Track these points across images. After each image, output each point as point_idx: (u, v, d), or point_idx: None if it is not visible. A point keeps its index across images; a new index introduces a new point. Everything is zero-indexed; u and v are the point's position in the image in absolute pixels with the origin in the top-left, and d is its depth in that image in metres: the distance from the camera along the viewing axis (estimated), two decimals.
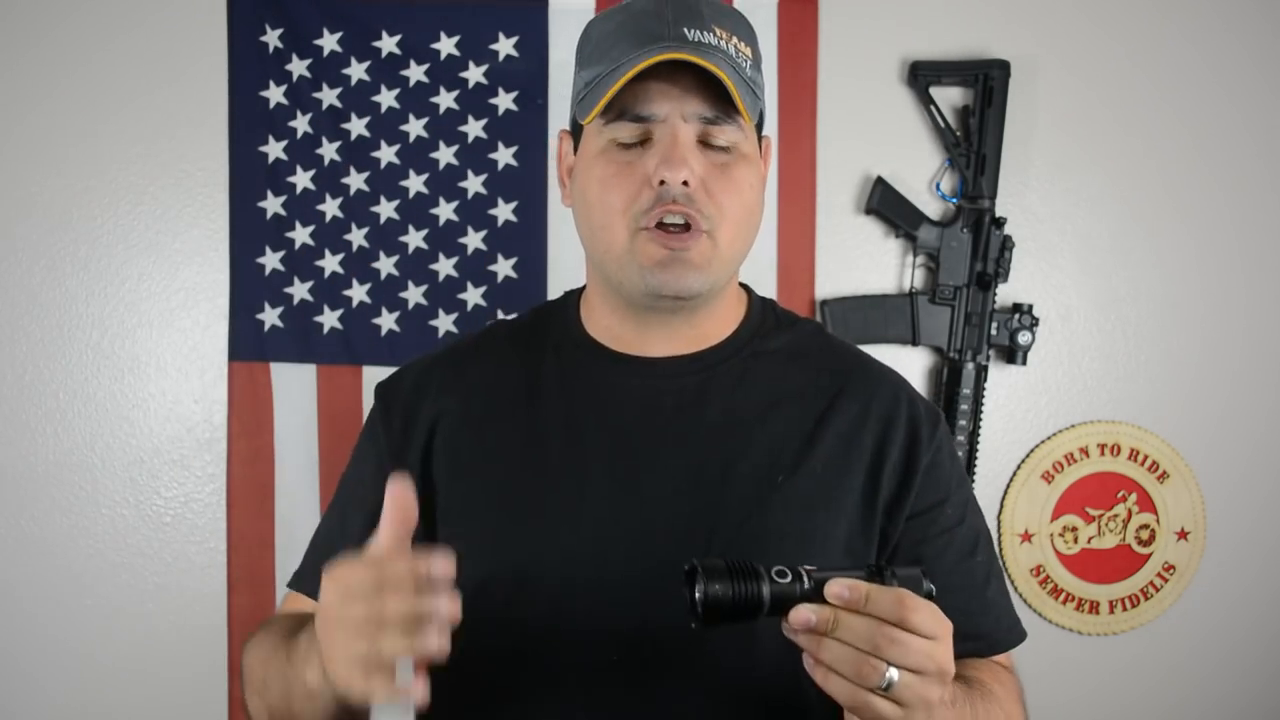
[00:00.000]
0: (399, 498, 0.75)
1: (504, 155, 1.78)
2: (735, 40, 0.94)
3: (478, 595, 0.95)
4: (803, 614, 0.71)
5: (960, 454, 1.74)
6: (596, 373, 1.00)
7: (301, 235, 1.78)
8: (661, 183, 0.91)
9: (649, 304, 0.96)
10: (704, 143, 0.93)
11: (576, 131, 0.99)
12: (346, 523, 1.04)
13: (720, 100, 0.91)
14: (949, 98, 1.79)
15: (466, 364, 1.05)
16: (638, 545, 0.92)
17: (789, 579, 0.73)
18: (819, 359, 1.03)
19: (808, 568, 0.74)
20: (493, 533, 0.96)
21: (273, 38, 1.76)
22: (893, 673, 0.71)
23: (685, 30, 0.91)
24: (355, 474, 1.07)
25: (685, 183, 0.90)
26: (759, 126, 1.00)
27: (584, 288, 1.07)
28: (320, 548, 1.06)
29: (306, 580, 1.05)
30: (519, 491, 0.97)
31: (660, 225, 0.92)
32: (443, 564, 0.72)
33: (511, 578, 0.94)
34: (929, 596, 0.74)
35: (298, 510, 1.78)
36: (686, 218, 0.92)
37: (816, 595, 0.72)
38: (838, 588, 0.71)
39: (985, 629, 1.00)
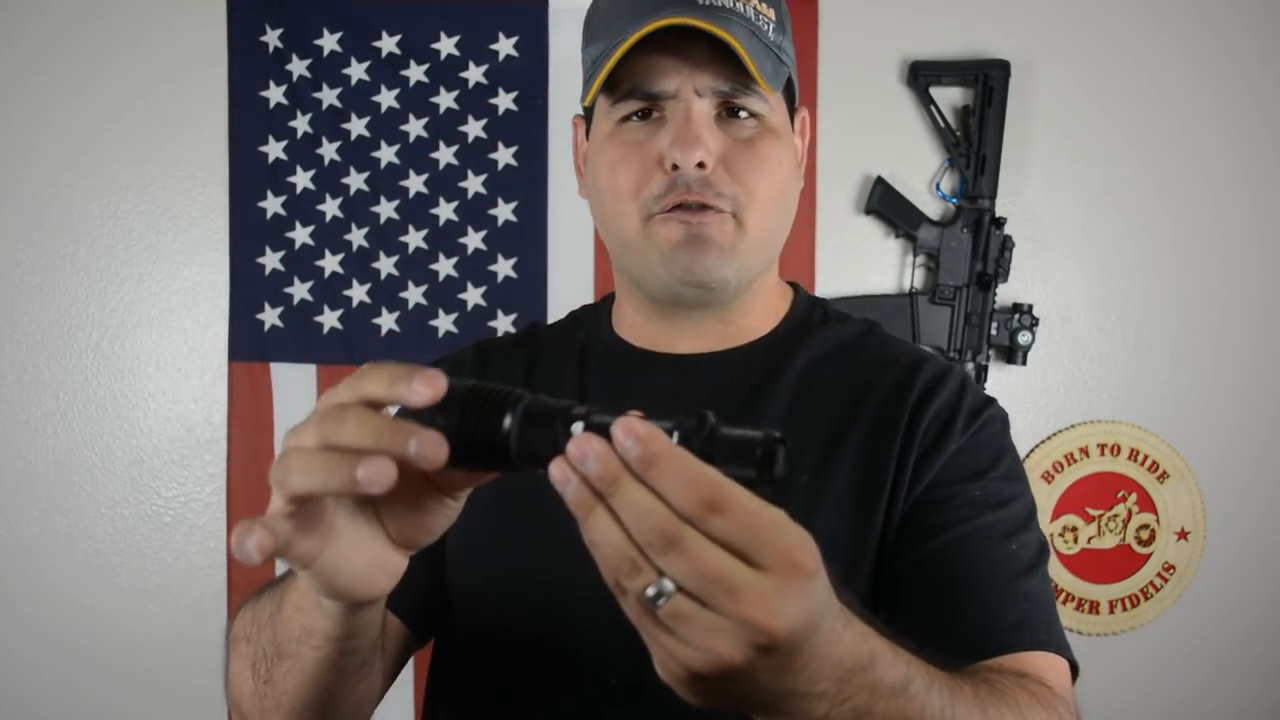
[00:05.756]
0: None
1: (504, 155, 1.78)
2: (755, 1, 0.84)
3: (473, 599, 0.89)
4: (582, 448, 0.47)
5: None
6: (619, 371, 0.92)
7: (301, 235, 1.78)
8: (674, 167, 0.82)
9: (673, 298, 0.87)
10: (725, 114, 0.84)
11: (590, 116, 0.91)
12: None
13: (738, 72, 0.81)
14: (949, 98, 1.79)
15: (496, 360, 0.97)
16: None
17: (564, 409, 0.51)
18: (862, 356, 0.90)
19: (585, 409, 0.51)
20: (492, 532, 0.88)
21: (273, 38, 1.76)
22: (667, 584, 0.47)
23: None
24: None
25: (701, 164, 0.82)
26: (791, 99, 0.91)
27: None
28: None
29: None
30: (526, 493, 0.85)
31: (677, 207, 0.83)
32: (423, 383, 0.51)
33: (509, 581, 0.87)
34: (765, 480, 0.48)
35: None
36: (704, 204, 0.83)
37: (603, 434, 0.48)
38: (627, 426, 0.47)
39: (1009, 619, 0.77)
